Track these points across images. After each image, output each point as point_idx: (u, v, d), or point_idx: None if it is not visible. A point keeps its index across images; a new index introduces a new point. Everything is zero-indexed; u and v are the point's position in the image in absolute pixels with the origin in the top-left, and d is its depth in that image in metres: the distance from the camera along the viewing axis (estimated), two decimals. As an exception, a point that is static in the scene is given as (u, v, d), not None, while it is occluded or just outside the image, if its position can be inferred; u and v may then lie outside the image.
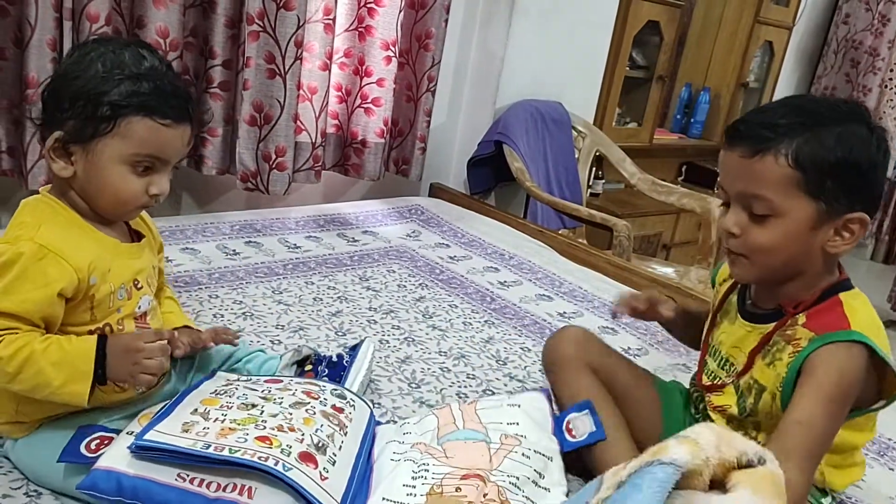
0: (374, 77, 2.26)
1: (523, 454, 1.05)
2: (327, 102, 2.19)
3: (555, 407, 1.18)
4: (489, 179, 2.67)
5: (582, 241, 2.62)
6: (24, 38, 1.64)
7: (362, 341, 1.30)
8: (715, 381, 1.10)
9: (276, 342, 1.44)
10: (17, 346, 0.86)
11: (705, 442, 0.73)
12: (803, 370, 0.96)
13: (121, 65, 0.92)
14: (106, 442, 0.92)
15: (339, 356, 1.26)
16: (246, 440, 0.90)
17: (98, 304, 0.95)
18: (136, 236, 1.05)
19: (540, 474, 1.03)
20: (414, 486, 0.97)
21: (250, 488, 0.86)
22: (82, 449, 0.92)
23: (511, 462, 1.03)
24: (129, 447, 0.88)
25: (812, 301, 1.01)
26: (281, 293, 1.65)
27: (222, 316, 1.50)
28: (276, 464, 0.87)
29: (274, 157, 2.06)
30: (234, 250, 1.84)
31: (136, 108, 0.91)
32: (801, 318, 1.00)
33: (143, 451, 0.87)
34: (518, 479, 1.00)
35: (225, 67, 1.97)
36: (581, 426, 1.10)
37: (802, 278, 1.01)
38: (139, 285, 1.01)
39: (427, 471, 0.99)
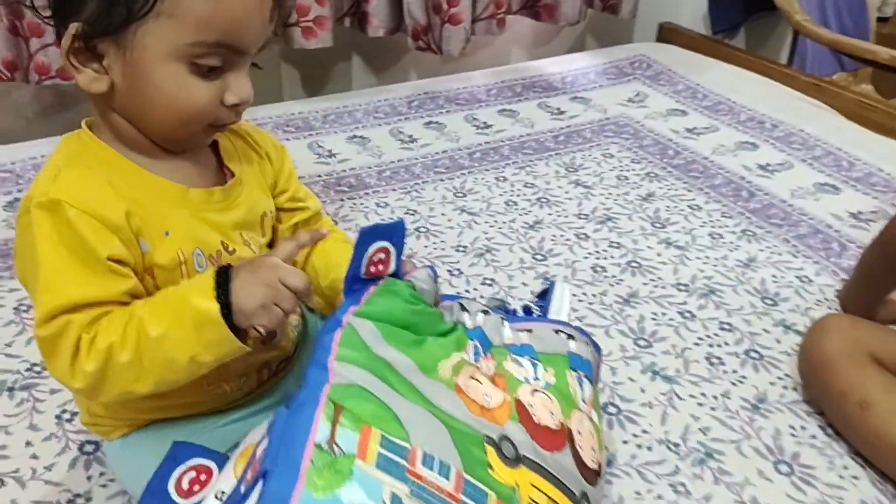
0: None
1: None
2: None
3: None
4: (738, 12, 2.07)
5: (867, 86, 1.95)
6: None
7: (553, 284, 0.91)
8: None
9: (456, 273, 1.10)
10: (122, 323, 0.59)
11: None
12: None
13: None
14: (202, 478, 0.66)
15: (527, 308, 0.89)
16: None
17: (162, 280, 0.64)
18: (229, 173, 0.72)
19: None
20: None
21: None
22: (171, 486, 0.66)
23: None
24: None
25: None
26: (465, 196, 1.29)
27: (390, 234, 1.18)
28: None
29: (446, 7, 1.64)
30: (410, 136, 1.49)
31: None
32: None
33: None
34: None
35: None
36: None
37: None
38: (230, 248, 0.68)
39: None
